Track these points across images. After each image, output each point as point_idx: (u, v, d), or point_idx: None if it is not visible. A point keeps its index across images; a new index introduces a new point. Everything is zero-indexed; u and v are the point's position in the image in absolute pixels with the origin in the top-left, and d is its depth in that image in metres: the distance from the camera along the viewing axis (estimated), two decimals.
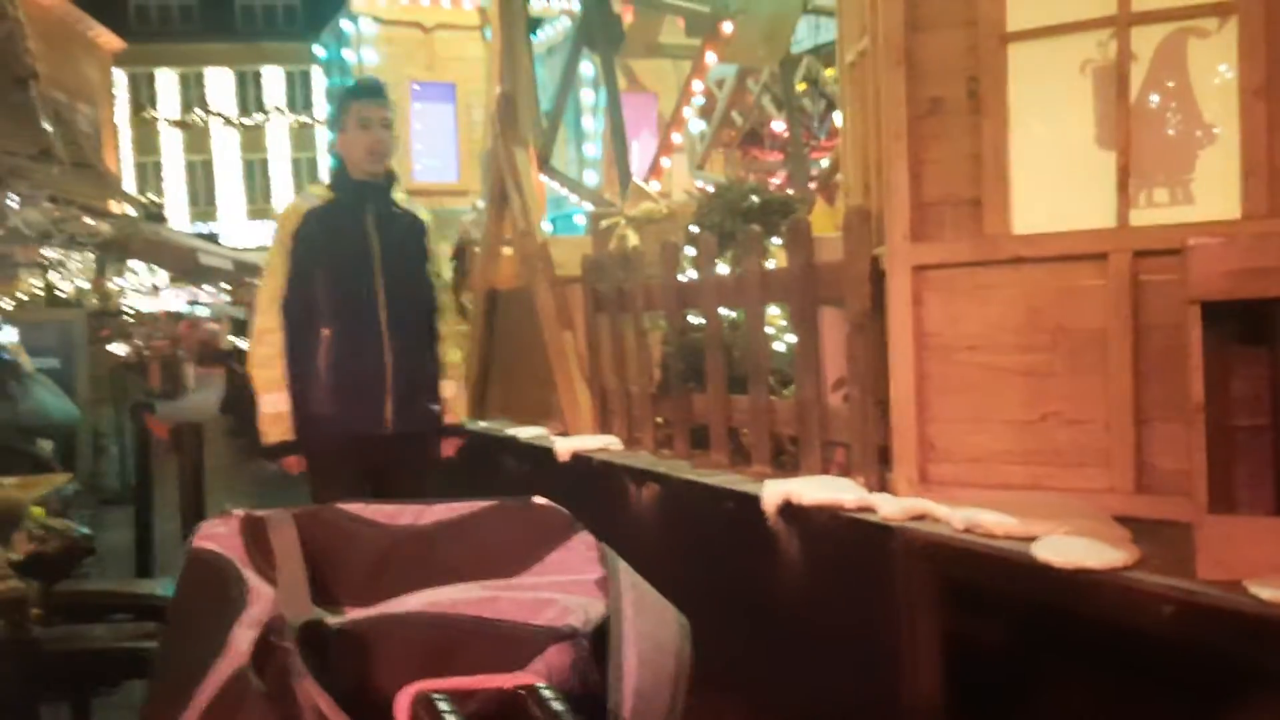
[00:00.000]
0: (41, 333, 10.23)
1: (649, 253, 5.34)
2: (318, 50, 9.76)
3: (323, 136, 41.61)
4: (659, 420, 5.05)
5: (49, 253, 22.30)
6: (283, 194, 41.12)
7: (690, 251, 4.93)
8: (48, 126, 13.87)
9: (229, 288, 31.69)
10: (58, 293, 20.36)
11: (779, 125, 9.88)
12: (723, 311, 4.52)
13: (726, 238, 4.62)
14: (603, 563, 1.39)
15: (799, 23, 6.64)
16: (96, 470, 11.76)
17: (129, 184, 37.33)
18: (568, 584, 1.37)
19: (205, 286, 35.05)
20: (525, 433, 5.86)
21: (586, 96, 8.58)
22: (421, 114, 8.92)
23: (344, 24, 9.01)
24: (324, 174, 37.18)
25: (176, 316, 32.35)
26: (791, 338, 4.31)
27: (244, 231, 40.74)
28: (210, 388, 22.98)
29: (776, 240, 4.59)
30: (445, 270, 4.07)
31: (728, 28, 5.95)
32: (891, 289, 3.54)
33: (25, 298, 18.34)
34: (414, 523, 1.53)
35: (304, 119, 41.85)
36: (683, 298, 4.76)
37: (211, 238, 36.93)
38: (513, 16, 6.24)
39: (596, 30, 6.48)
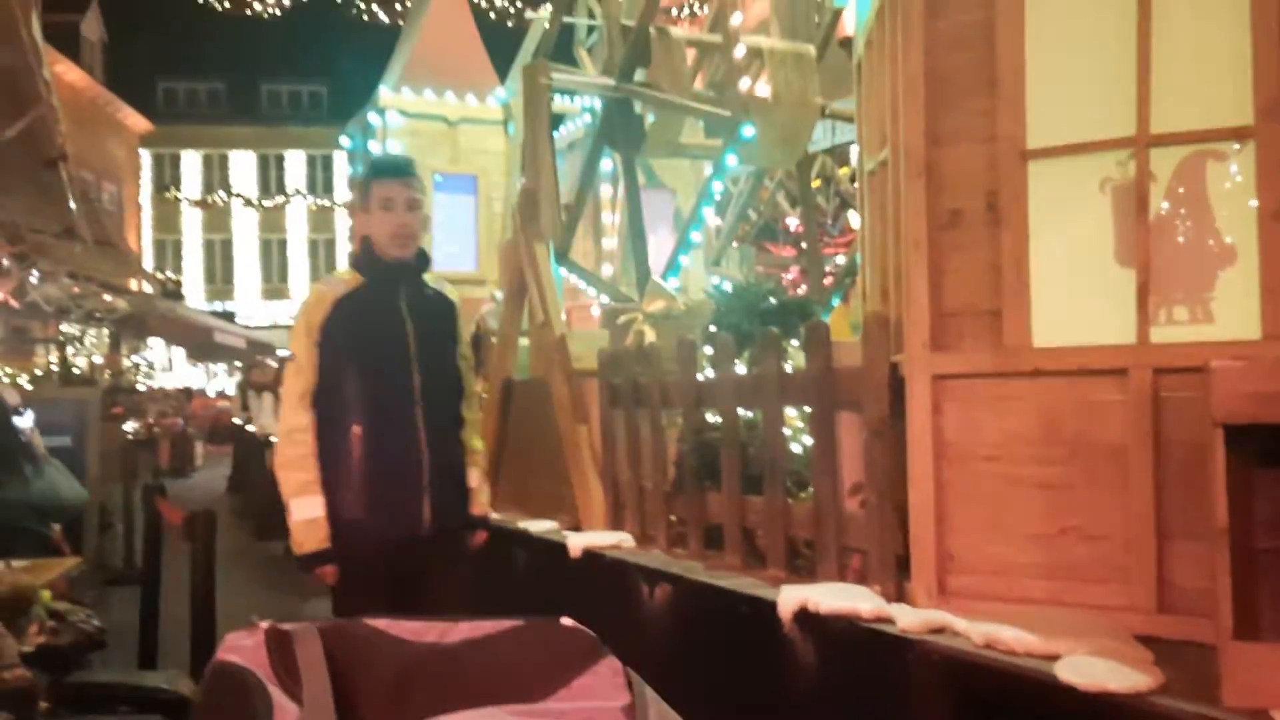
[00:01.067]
0: (56, 410, 10.20)
1: (666, 349, 5.38)
2: (343, 141, 9.93)
3: (342, 219, 42.22)
4: (673, 518, 5.02)
5: (66, 328, 22.49)
6: (300, 274, 41.61)
7: (708, 350, 4.95)
8: (74, 205, 14.09)
9: (242, 365, 31.83)
10: (73, 369, 20.47)
11: (793, 221, 9.99)
12: (739, 412, 4.53)
13: (744, 338, 4.65)
14: (629, 689, 1.37)
15: (815, 125, 6.73)
16: (102, 549, 11.68)
17: (148, 261, 37.80)
18: (594, 711, 1.35)
19: (220, 363, 35.22)
20: (537, 526, 5.84)
21: (604, 191, 8.69)
22: (443, 204, 9.04)
23: (371, 117, 9.20)
24: (341, 256, 37.47)
25: (189, 393, 32.45)
26: (808, 440, 4.31)
27: (260, 310, 41.09)
28: (219, 465, 22.94)
29: (794, 342, 4.62)
30: (469, 352, 3.92)
31: (748, 131, 6.07)
32: (911, 397, 3.55)
33: (40, 373, 18.45)
34: (440, 640, 1.51)
35: (323, 202, 42.48)
36: (700, 396, 4.77)
37: (228, 316, 37.26)
38: (537, 113, 6.36)
39: (618, 129, 6.60)
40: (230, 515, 14.81)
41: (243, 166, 42.47)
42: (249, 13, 40.10)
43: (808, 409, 4.15)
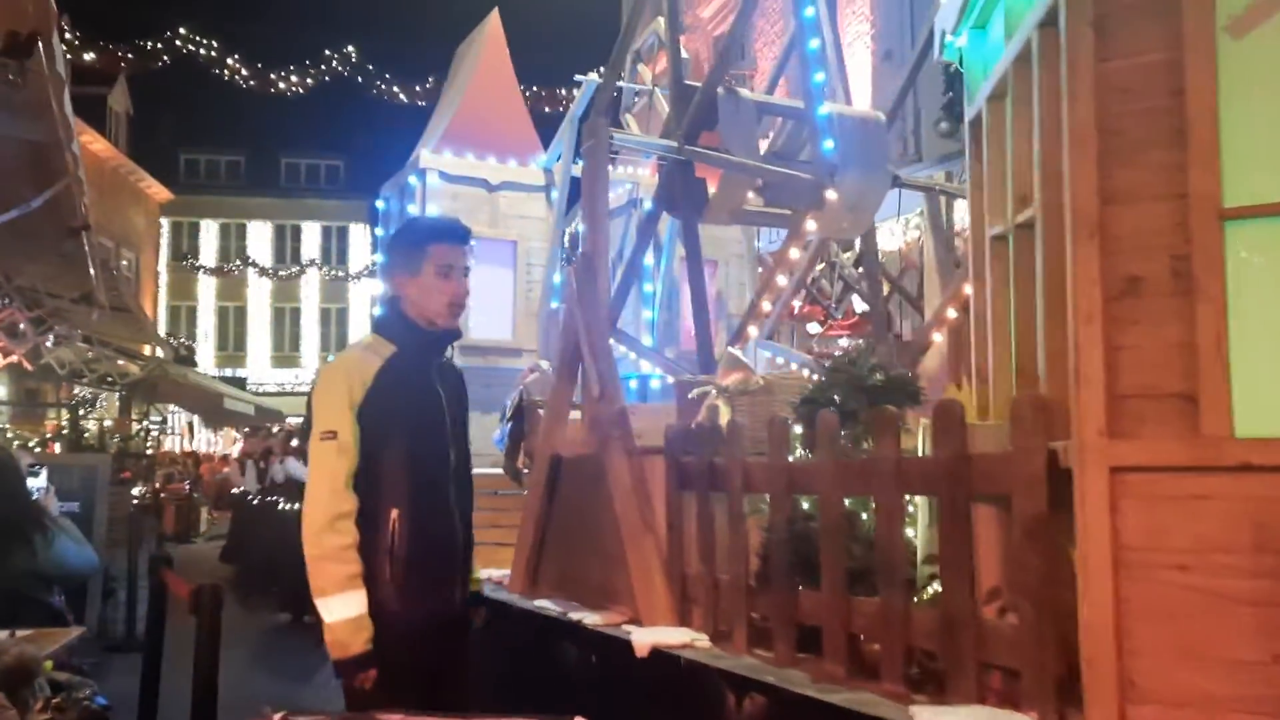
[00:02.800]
0: (66, 476, 9.95)
1: (747, 428, 4.81)
2: (379, 204, 9.44)
3: (355, 289, 41.99)
4: (754, 616, 4.39)
5: (78, 391, 21.98)
6: (311, 342, 41.28)
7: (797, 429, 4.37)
8: (93, 272, 13.74)
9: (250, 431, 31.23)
10: (84, 433, 19.94)
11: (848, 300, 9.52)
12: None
13: (846, 416, 4.06)
14: None
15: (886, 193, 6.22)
16: (105, 615, 11.17)
17: (162, 327, 37.39)
18: None
19: (231, 428, 34.69)
20: (593, 618, 5.18)
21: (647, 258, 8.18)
22: (480, 270, 8.51)
23: (409, 178, 8.70)
24: (354, 326, 37.29)
25: (197, 458, 31.76)
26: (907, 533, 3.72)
27: (270, 376, 40.66)
28: (225, 531, 22.25)
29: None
30: None
31: (832, 195, 5.55)
32: (1083, 493, 2.95)
33: (50, 435, 17.90)
34: None
35: (338, 272, 42.33)
36: (793, 480, 4.17)
37: (238, 382, 36.79)
38: (596, 174, 5.85)
39: (678, 194, 6.08)
40: (224, 585, 14.20)
41: (259, 236, 42.41)
42: (272, 90, 40.34)
43: (936, 501, 3.54)
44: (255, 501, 16.37)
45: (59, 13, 4.55)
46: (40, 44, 4.37)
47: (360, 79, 44.91)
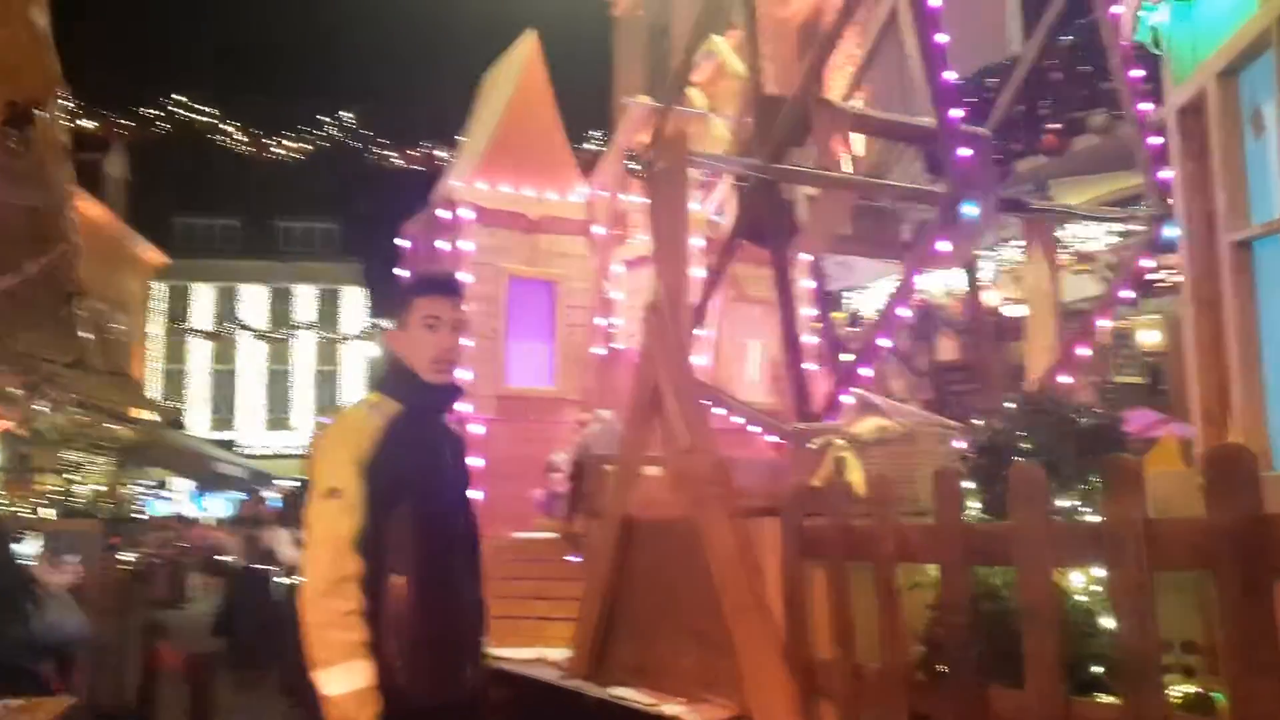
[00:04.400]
0: (57, 543, 9.08)
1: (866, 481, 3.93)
2: (400, 244, 8.55)
3: (349, 352, 41.17)
4: (919, 715, 3.46)
5: (69, 455, 21.09)
6: (304, 405, 40.29)
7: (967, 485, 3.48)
8: (86, 336, 13.10)
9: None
10: (74, 498, 18.99)
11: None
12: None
13: (1048, 469, 3.17)
14: None
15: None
16: (94, 683, 10.31)
17: (154, 390, 36.27)
18: None
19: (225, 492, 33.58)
20: (691, 714, 4.23)
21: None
22: (518, 313, 7.63)
23: (438, 212, 7.82)
24: (347, 388, 36.57)
25: (187, 521, 30.51)
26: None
27: (262, 439, 39.55)
28: (214, 596, 21.05)
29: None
30: None
31: (971, 211, 4.70)
32: None
33: (40, 501, 16.92)
34: None
35: (331, 335, 41.51)
36: (973, 547, 3.28)
37: (229, 445, 35.60)
38: (674, 197, 5.01)
39: (764, 220, 5.25)
40: (217, 658, 13.16)
41: (253, 299, 41.54)
42: (268, 155, 39.88)
43: (1216, 574, 2.65)
44: (246, 570, 15.29)
45: (59, 81, 4.60)
46: (41, 111, 4.48)
47: (355, 143, 44.60)
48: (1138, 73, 5.15)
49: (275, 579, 12.69)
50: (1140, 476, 2.82)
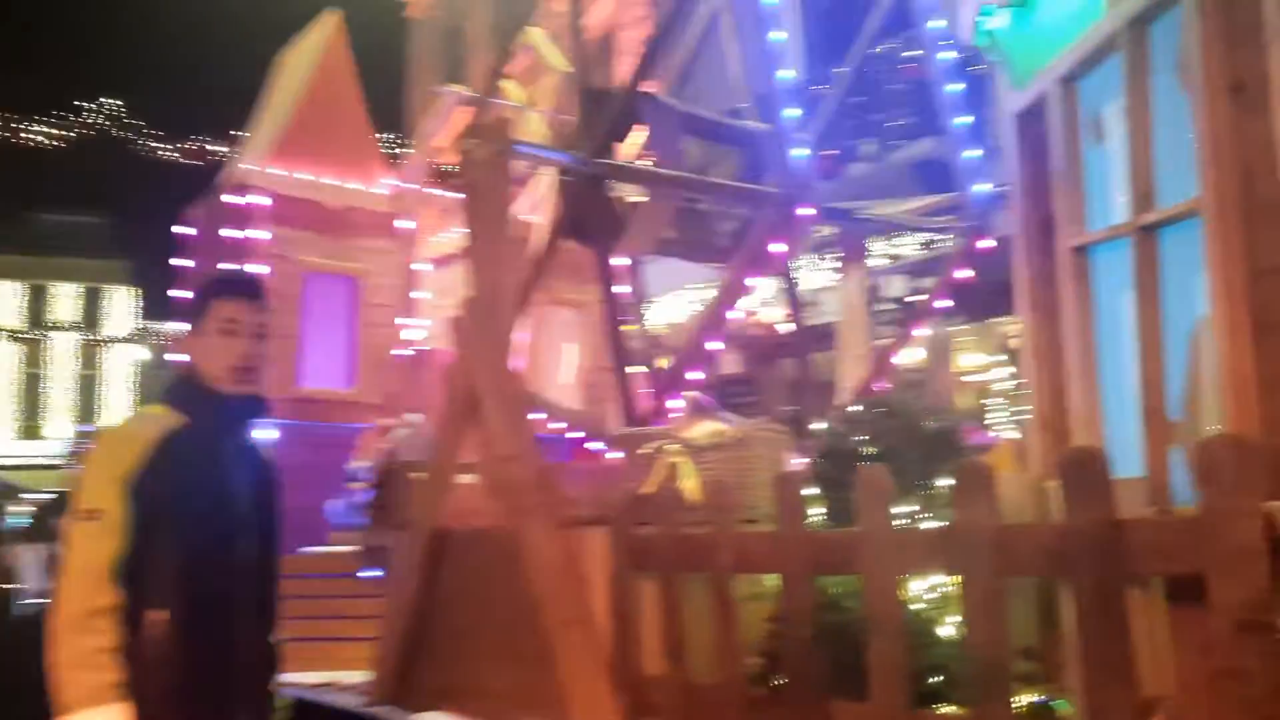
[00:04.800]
0: None
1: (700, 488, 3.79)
2: (183, 230, 7.84)
3: (114, 356, 38.32)
4: None
5: None
6: (62, 412, 37.24)
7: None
8: None
9: None
10: None
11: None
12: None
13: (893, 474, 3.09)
14: None
15: None
16: None
17: None
18: None
19: None
20: None
21: None
22: (314, 310, 7.09)
23: (225, 197, 7.18)
24: (112, 393, 33.99)
25: None
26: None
27: (12, 449, 36.21)
28: None
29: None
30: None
31: (804, 209, 4.64)
32: None
33: None
34: None
35: (93, 337, 38.51)
36: (817, 556, 3.16)
37: None
38: (492, 188, 4.73)
39: (588, 217, 5.04)
40: None
41: (6, 298, 38.03)
42: (30, 142, 36.79)
43: (1072, 582, 2.61)
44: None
45: None
46: None
47: (124, 133, 41.76)
48: (956, 86, 5.28)
49: (19, 600, 11.69)
50: (992, 481, 2.76)
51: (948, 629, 3.23)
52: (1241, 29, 2.47)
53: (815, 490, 3.39)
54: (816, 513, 3.44)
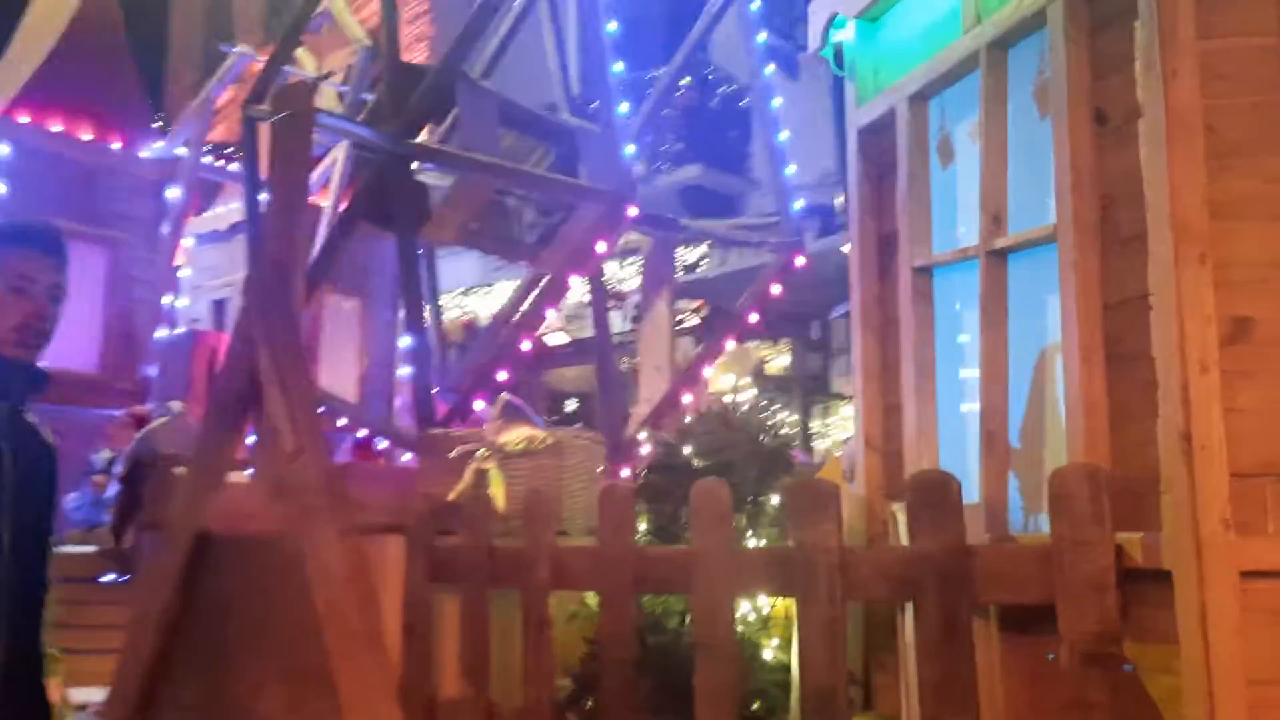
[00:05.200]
0: None
1: (509, 497, 3.56)
2: None
3: None
4: None
5: None
6: None
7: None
8: None
9: None
10: None
11: None
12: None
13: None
14: None
15: None
16: None
17: None
18: None
19: None
20: None
21: None
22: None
23: None
24: None
25: None
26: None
27: None
28: None
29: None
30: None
31: (633, 212, 4.43)
32: (1200, 607, 2.12)
33: None
34: None
35: None
36: (644, 573, 2.97)
37: None
38: (293, 151, 4.28)
39: (394, 201, 4.68)
40: None
41: None
42: None
43: (917, 608, 2.53)
44: None
45: None
46: None
47: None
48: (777, 101, 5.29)
49: None
50: (837, 501, 2.66)
51: (769, 652, 3.13)
52: (1106, 58, 2.49)
53: (640, 504, 3.21)
54: (640, 528, 3.26)
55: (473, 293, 13.74)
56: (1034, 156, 2.70)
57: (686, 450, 3.16)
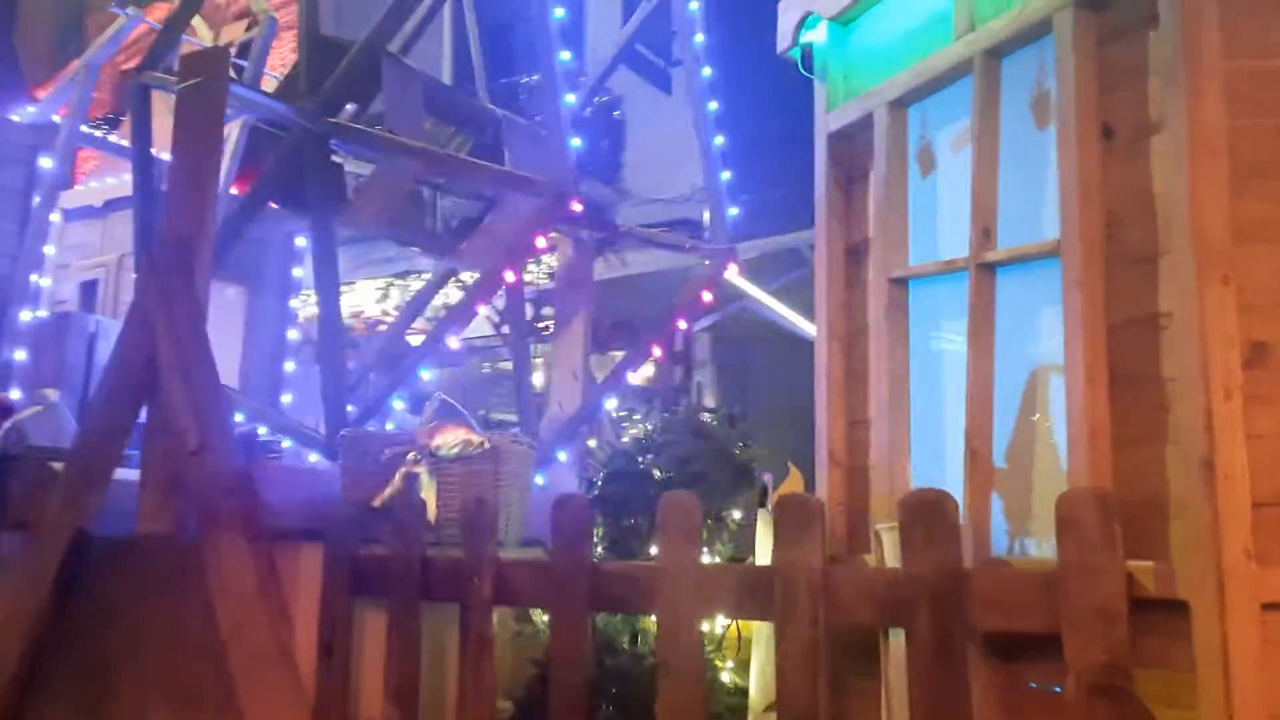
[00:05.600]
0: None
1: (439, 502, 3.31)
2: None
3: None
4: None
5: None
6: None
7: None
8: None
9: None
10: None
11: None
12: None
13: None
14: None
15: None
16: None
17: None
18: None
19: None
20: None
21: None
22: None
23: None
24: None
25: None
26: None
27: None
28: None
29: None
30: None
31: (576, 206, 4.19)
32: (1221, 640, 2.04)
33: None
34: None
35: None
36: (601, 590, 2.76)
37: None
38: (206, 127, 3.91)
39: (310, 181, 4.35)
40: None
41: None
42: None
43: (909, 633, 2.39)
44: None
45: None
46: None
47: None
48: (713, 105, 5.16)
49: None
50: (821, 517, 2.51)
51: (725, 674, 2.95)
52: (1116, 72, 2.42)
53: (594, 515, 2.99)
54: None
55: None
56: (1026, 169, 2.62)
57: (641, 460, 2.96)
